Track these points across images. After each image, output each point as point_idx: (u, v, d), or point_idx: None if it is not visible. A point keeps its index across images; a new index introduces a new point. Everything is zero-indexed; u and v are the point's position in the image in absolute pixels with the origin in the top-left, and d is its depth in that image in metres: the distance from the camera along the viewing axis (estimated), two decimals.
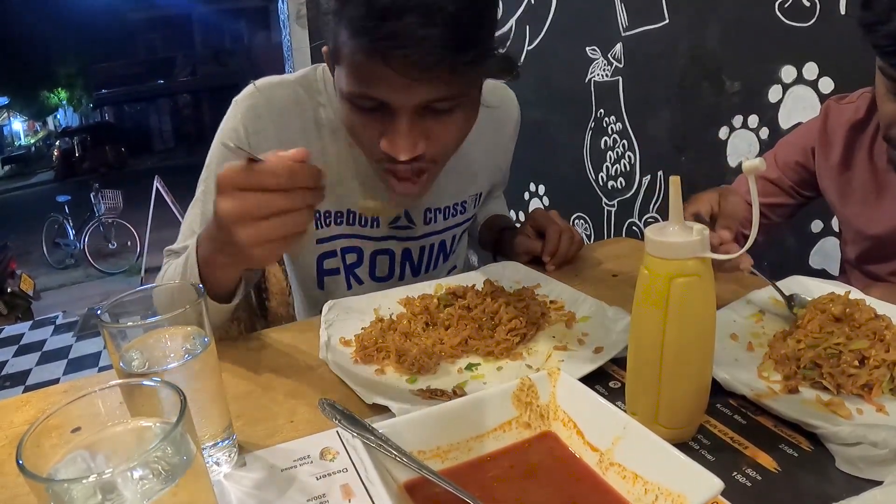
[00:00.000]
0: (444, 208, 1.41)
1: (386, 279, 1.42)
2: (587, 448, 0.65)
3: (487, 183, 1.51)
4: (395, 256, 1.40)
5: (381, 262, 1.39)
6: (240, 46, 29.73)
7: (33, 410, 0.93)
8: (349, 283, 1.39)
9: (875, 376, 0.79)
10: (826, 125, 1.38)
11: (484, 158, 1.45)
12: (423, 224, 1.39)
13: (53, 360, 5.36)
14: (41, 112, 32.27)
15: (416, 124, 1.00)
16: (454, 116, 1.05)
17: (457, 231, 1.47)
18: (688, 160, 2.27)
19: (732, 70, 2.01)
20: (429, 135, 1.03)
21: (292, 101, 1.24)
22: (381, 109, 1.00)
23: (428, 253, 1.44)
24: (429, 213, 1.39)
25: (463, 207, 1.45)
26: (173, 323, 0.71)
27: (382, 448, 0.61)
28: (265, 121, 1.21)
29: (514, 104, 1.53)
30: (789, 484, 0.67)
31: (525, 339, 1.01)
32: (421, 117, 1.01)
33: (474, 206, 1.49)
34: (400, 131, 1.00)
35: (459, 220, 1.46)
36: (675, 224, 0.68)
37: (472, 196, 1.46)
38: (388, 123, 1.01)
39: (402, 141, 1.00)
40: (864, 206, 1.34)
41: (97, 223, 9.37)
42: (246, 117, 1.21)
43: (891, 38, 1.00)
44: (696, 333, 0.70)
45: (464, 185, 1.43)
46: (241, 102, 1.23)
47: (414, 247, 1.41)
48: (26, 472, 0.44)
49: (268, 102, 1.22)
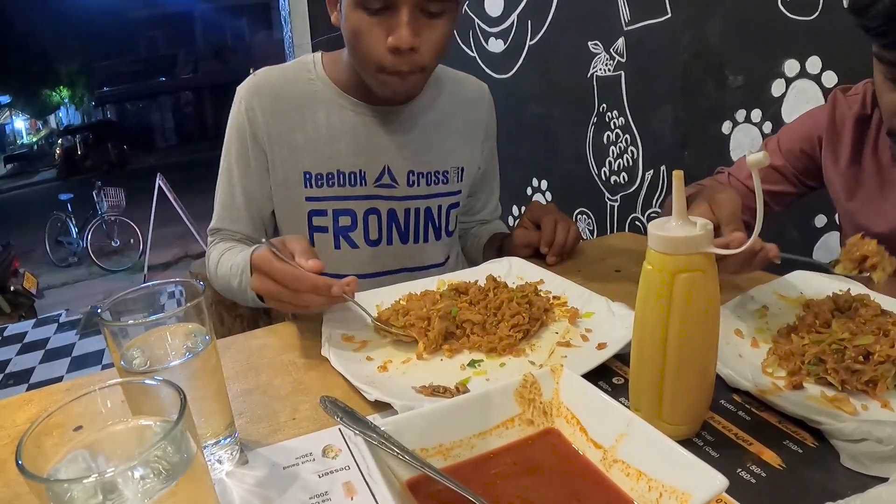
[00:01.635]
0: (427, 174, 1.51)
1: (376, 243, 1.50)
2: (590, 445, 0.65)
3: (468, 162, 1.59)
4: (381, 217, 1.49)
5: (373, 224, 1.48)
6: (241, 44, 29.75)
7: (36, 409, 0.93)
8: (337, 243, 1.48)
9: (880, 372, 0.79)
10: (834, 116, 1.36)
11: (460, 137, 1.57)
12: (407, 186, 1.49)
13: (56, 358, 5.36)
14: (43, 110, 32.28)
15: (413, 19, 1.23)
16: (441, 21, 1.27)
17: (442, 202, 1.55)
18: (691, 155, 2.26)
19: (735, 64, 2.00)
20: (421, 34, 1.25)
21: (285, 79, 1.45)
22: (385, 11, 1.22)
23: (413, 218, 1.52)
24: (411, 176, 1.49)
25: (445, 178, 1.54)
26: (175, 321, 0.70)
27: (385, 445, 0.60)
28: (263, 97, 1.42)
29: (483, 86, 1.67)
30: (794, 480, 0.67)
31: (528, 335, 1.01)
32: (416, 17, 1.23)
33: (458, 182, 1.57)
34: (402, 23, 1.22)
35: (442, 189, 1.54)
36: (678, 219, 0.68)
37: (453, 168, 1.55)
38: (393, 21, 1.23)
39: (404, 31, 1.22)
40: (869, 202, 1.33)
41: (100, 221, 9.37)
42: (247, 100, 1.42)
43: (881, 17, 1.00)
44: (699, 329, 0.69)
45: (443, 157, 1.53)
46: (243, 87, 1.44)
47: (398, 208, 1.50)
48: (26, 473, 0.44)
49: (265, 83, 1.44)
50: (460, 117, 1.57)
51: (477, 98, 1.63)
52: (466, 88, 1.61)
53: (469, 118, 1.59)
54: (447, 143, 1.54)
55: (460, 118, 1.57)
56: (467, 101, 1.59)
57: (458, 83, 1.60)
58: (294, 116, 1.41)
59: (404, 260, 1.53)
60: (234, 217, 1.46)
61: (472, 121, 1.60)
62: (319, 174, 1.43)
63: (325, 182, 1.43)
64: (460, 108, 1.57)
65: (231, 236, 1.46)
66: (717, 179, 1.54)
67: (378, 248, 1.50)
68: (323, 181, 1.43)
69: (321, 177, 1.43)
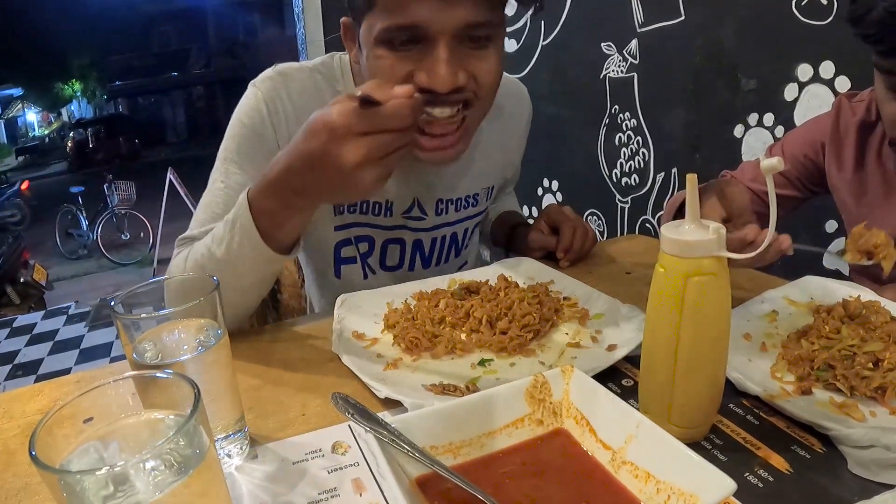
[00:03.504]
0: (456, 200, 1.41)
1: (397, 269, 1.42)
2: (599, 446, 0.65)
3: (500, 177, 1.52)
4: (405, 246, 1.40)
5: (392, 252, 1.40)
6: (254, 39, 29.80)
7: (46, 400, 0.94)
8: (365, 273, 1.39)
9: (889, 379, 0.78)
10: (838, 123, 1.36)
11: (496, 152, 1.46)
12: (435, 215, 1.39)
13: (65, 350, 5.38)
14: (55, 103, 32.46)
15: (454, 52, 0.99)
16: (490, 50, 1.04)
17: (468, 224, 1.47)
18: (702, 158, 2.25)
19: (748, 67, 2.00)
20: (467, 67, 1.02)
21: (311, 86, 1.25)
22: (416, 44, 1.00)
23: (439, 245, 1.44)
24: (440, 204, 1.39)
25: (475, 200, 1.45)
26: (187, 315, 0.71)
27: (394, 443, 0.61)
28: (285, 102, 1.21)
29: (527, 98, 1.54)
30: (801, 486, 0.66)
31: (538, 335, 1.01)
32: (458, 48, 1.00)
33: (486, 200, 1.49)
34: (439, 58, 0.98)
35: (471, 213, 1.46)
36: (690, 222, 0.68)
37: (484, 189, 1.46)
38: (426, 57, 1.00)
39: (441, 68, 0.98)
40: (875, 209, 1.32)
41: (110, 214, 9.43)
42: (267, 97, 1.21)
43: (876, 25, 1.01)
44: (710, 333, 0.69)
45: (476, 178, 1.43)
46: (262, 84, 1.23)
47: (425, 238, 1.41)
48: (39, 464, 0.44)
49: (287, 86, 1.23)
50: (498, 133, 1.43)
51: (516, 106, 1.49)
52: (506, 96, 1.36)
53: (507, 132, 1.48)
54: (481, 164, 1.42)
55: (498, 133, 1.44)
56: (508, 111, 1.45)
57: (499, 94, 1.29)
58: None
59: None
60: (218, 218, 1.11)
61: (510, 135, 1.49)
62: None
63: (346, 208, 1.31)
64: (499, 120, 1.41)
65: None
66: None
67: (397, 274, 1.42)
68: (344, 207, 1.31)
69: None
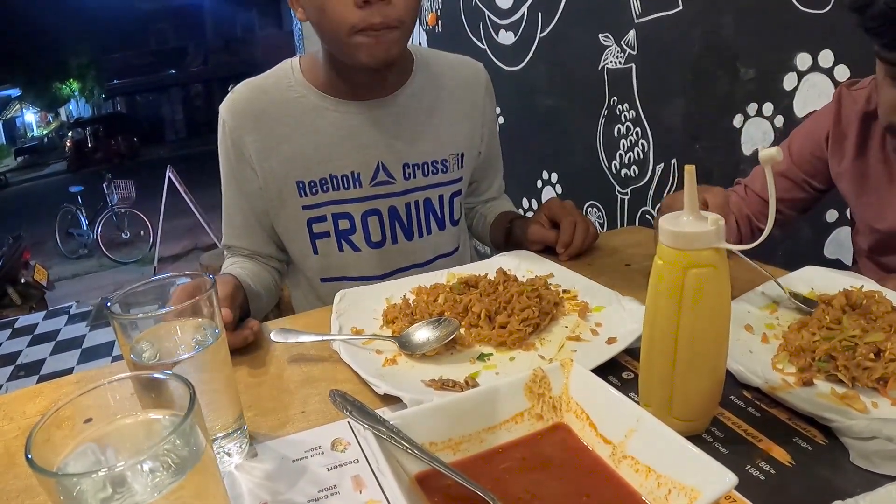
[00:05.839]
0: (423, 164, 1.48)
1: (380, 244, 1.48)
2: (600, 440, 0.65)
3: (468, 146, 1.55)
4: (382, 217, 1.46)
5: (373, 225, 1.46)
6: (251, 35, 29.80)
7: (46, 401, 0.94)
8: (340, 246, 1.46)
9: (891, 369, 0.78)
10: (840, 112, 1.36)
11: (459, 119, 1.53)
12: (404, 179, 1.46)
13: (67, 350, 5.38)
14: (53, 103, 32.39)
15: None
16: None
17: (443, 192, 1.52)
18: (702, 148, 2.25)
19: (747, 57, 1.99)
20: None
21: (265, 92, 1.41)
22: None
23: (416, 212, 1.50)
24: (407, 169, 1.46)
25: (444, 167, 1.50)
26: (184, 314, 0.70)
27: (394, 439, 0.61)
28: (245, 115, 1.39)
29: (482, 70, 1.61)
30: (803, 478, 0.66)
31: (538, 329, 1.01)
32: None
33: (458, 168, 1.53)
34: None
35: (442, 179, 1.51)
36: (689, 214, 0.68)
37: (452, 155, 1.51)
38: None
39: None
40: (877, 198, 1.32)
41: (110, 213, 9.41)
42: (229, 117, 1.40)
43: (878, 18, 1.01)
44: (710, 325, 0.69)
45: (440, 144, 1.49)
46: (224, 107, 1.42)
47: (398, 204, 1.47)
48: (35, 467, 0.44)
49: (245, 99, 1.41)
50: (455, 101, 1.52)
51: (472, 79, 1.57)
52: (460, 71, 1.55)
53: (465, 101, 1.54)
54: (443, 130, 1.49)
55: (455, 102, 1.52)
56: (462, 83, 1.54)
57: (450, 66, 1.53)
58: (279, 129, 1.38)
59: (413, 256, 1.51)
60: (238, 235, 1.47)
61: (469, 104, 1.55)
62: (313, 181, 1.40)
63: (319, 188, 1.41)
64: (454, 91, 1.52)
65: (240, 252, 1.48)
66: (736, 192, 1.54)
67: (384, 249, 1.48)
68: (317, 187, 1.41)
69: (315, 184, 1.41)
